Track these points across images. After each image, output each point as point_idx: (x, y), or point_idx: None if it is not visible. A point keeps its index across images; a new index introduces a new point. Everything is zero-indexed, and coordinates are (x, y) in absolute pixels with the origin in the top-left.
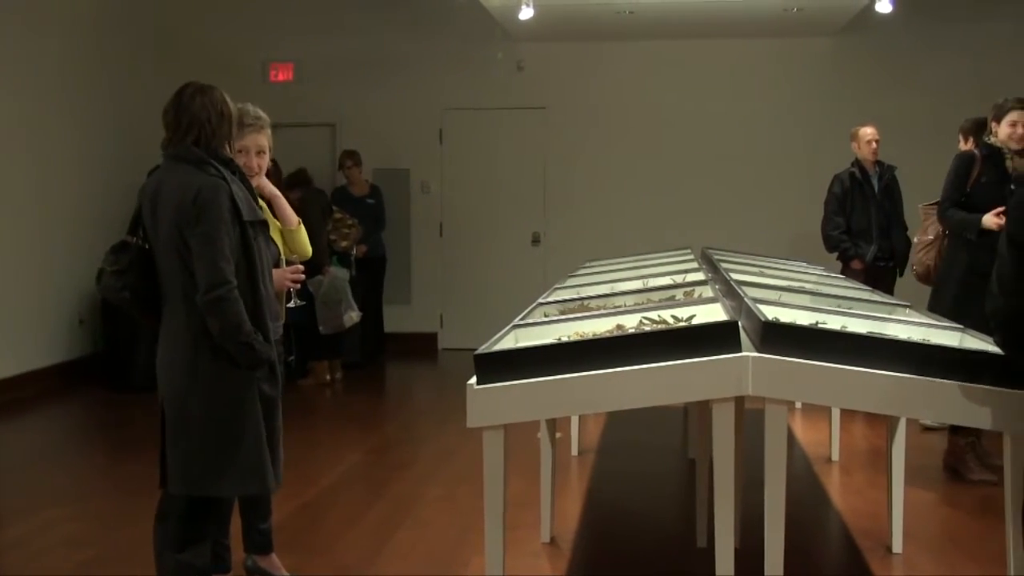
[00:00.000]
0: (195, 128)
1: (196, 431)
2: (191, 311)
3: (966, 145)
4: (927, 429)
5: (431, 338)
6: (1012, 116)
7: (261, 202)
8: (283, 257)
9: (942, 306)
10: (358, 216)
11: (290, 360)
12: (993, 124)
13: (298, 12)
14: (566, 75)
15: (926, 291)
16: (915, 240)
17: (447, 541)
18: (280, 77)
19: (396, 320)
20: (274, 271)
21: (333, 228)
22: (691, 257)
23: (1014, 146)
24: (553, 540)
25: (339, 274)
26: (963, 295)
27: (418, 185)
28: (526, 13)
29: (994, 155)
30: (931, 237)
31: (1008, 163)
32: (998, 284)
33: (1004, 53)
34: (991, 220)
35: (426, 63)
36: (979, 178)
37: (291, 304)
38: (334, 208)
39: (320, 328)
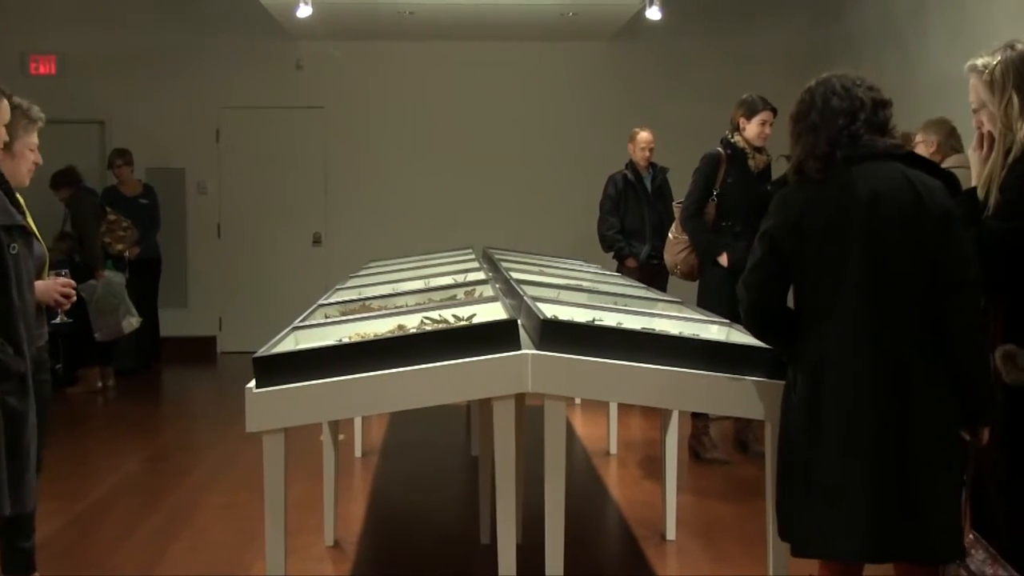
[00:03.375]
0: None
1: None
2: None
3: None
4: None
5: (210, 341)
6: (763, 115)
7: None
8: (47, 264)
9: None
10: (131, 217)
11: (56, 368)
12: (742, 121)
13: (62, 1)
14: (346, 74)
15: (695, 287)
16: (670, 236)
17: (227, 548)
18: (41, 70)
19: (172, 324)
20: (43, 283)
21: (107, 230)
22: (472, 257)
23: (759, 144)
24: (337, 543)
25: (115, 279)
26: (735, 298)
27: (194, 185)
28: (304, 11)
29: (738, 154)
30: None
31: (751, 162)
32: (750, 274)
33: (765, 62)
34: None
35: (201, 60)
36: (726, 178)
37: (57, 320)
38: (108, 209)
39: (96, 335)
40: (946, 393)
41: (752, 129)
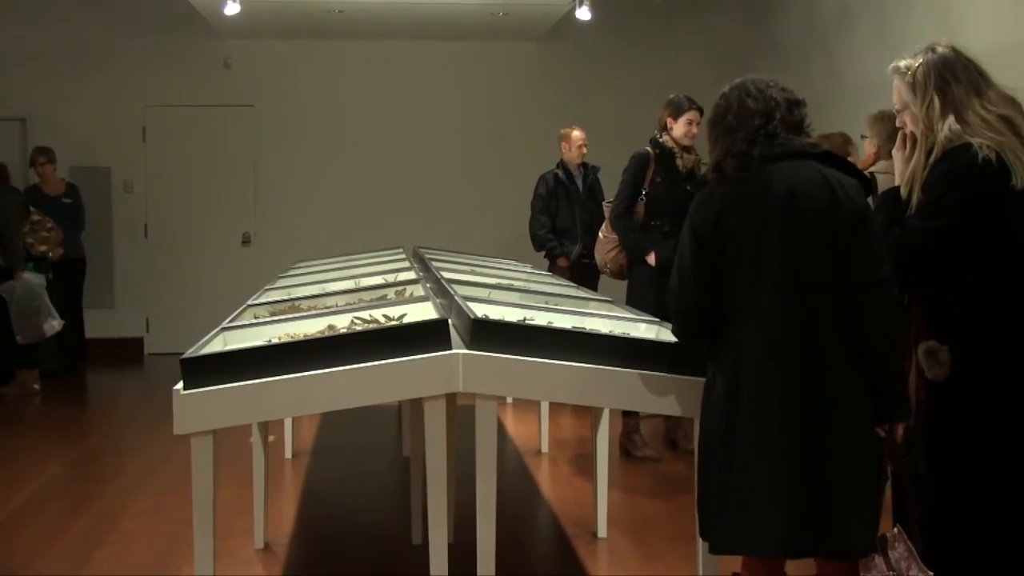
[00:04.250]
0: None
1: None
2: None
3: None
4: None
5: (137, 343)
6: (689, 115)
7: None
8: None
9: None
10: (54, 216)
11: None
12: (669, 120)
13: None
14: (275, 73)
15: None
16: (600, 236)
17: (155, 553)
18: None
19: (98, 325)
20: None
21: (31, 231)
22: (403, 256)
23: (686, 143)
24: (267, 545)
25: (35, 280)
26: (663, 297)
27: (120, 184)
28: (232, 8)
29: (666, 154)
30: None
31: (679, 161)
32: (680, 282)
33: (694, 62)
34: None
35: (127, 56)
36: (654, 178)
37: None
38: (32, 209)
39: (18, 339)
40: (862, 390)
41: (679, 129)
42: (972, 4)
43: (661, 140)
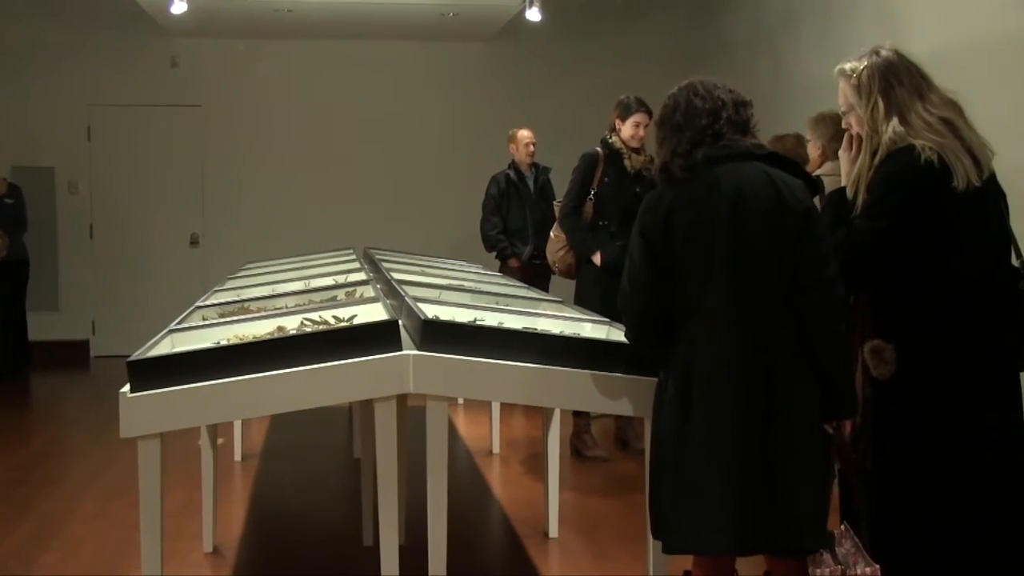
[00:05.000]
0: None
1: None
2: None
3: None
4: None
5: (82, 345)
6: (636, 117)
7: None
8: None
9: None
10: None
11: None
12: (618, 122)
13: None
14: (224, 72)
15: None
16: (551, 235)
17: (101, 558)
18: None
19: (42, 327)
20: None
21: None
22: (353, 257)
23: (634, 145)
24: (216, 549)
25: None
26: (608, 296)
27: (64, 185)
28: (179, 7)
29: (615, 155)
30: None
31: (627, 162)
32: (631, 284)
33: (644, 62)
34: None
35: (70, 55)
36: (603, 178)
37: None
38: None
39: None
40: (811, 388)
41: (626, 131)
42: (914, 8)
43: (610, 141)
